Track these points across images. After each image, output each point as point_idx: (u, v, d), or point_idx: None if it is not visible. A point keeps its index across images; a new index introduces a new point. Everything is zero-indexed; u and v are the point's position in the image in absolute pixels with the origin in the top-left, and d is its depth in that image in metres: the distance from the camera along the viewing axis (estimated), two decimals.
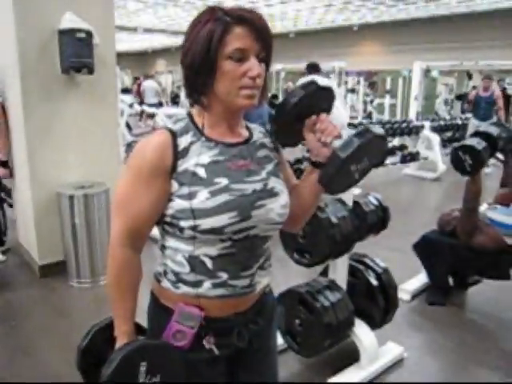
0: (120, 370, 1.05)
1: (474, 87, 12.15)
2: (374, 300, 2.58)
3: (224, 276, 1.15)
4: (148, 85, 12.95)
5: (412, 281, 3.66)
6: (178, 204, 1.10)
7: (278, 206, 1.18)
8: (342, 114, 4.97)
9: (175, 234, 1.15)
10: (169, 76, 22.56)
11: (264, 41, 1.09)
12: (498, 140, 3.22)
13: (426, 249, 3.49)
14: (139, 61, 26.79)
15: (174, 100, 15.07)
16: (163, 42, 21.79)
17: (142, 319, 1.28)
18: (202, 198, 1.08)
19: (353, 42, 16.33)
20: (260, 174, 1.18)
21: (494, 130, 3.28)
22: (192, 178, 1.10)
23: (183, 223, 1.10)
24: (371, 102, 14.78)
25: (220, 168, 1.12)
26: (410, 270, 3.76)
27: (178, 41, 20.33)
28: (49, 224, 3.73)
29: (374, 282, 2.58)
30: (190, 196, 1.09)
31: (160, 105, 12.23)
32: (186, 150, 1.11)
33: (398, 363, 2.74)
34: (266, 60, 1.12)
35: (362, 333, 2.56)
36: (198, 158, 1.11)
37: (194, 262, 1.15)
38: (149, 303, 1.27)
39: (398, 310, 2.73)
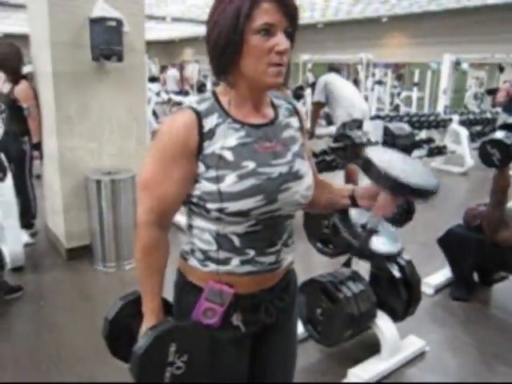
0: (152, 349, 1.10)
1: (505, 82, 11.87)
2: (397, 292, 2.57)
3: (251, 253, 1.17)
4: (170, 73, 13.20)
5: (436, 275, 3.63)
6: (205, 186, 1.11)
7: (302, 189, 1.20)
8: (363, 110, 5.01)
9: (201, 214, 1.16)
10: (196, 65, 22.69)
11: (291, 16, 1.07)
12: None
13: (451, 243, 3.45)
14: (167, 49, 26.92)
15: (200, 89, 15.10)
16: (191, 31, 21.84)
17: (169, 295, 1.30)
18: (230, 182, 1.09)
19: (381, 33, 16.12)
20: (286, 156, 1.19)
21: None
22: (219, 161, 1.10)
23: (210, 205, 1.11)
24: (398, 94, 14.57)
25: (247, 150, 1.12)
26: (434, 264, 3.73)
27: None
28: (76, 209, 3.81)
29: (397, 274, 2.57)
30: (218, 179, 1.09)
31: (181, 93, 12.34)
32: (212, 132, 1.11)
33: (418, 357, 2.73)
34: (291, 36, 1.10)
35: (383, 325, 2.56)
36: (225, 141, 1.11)
37: (222, 240, 1.16)
38: (175, 280, 1.29)
39: (421, 303, 2.72)
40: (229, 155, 1.11)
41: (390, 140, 2.30)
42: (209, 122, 1.11)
